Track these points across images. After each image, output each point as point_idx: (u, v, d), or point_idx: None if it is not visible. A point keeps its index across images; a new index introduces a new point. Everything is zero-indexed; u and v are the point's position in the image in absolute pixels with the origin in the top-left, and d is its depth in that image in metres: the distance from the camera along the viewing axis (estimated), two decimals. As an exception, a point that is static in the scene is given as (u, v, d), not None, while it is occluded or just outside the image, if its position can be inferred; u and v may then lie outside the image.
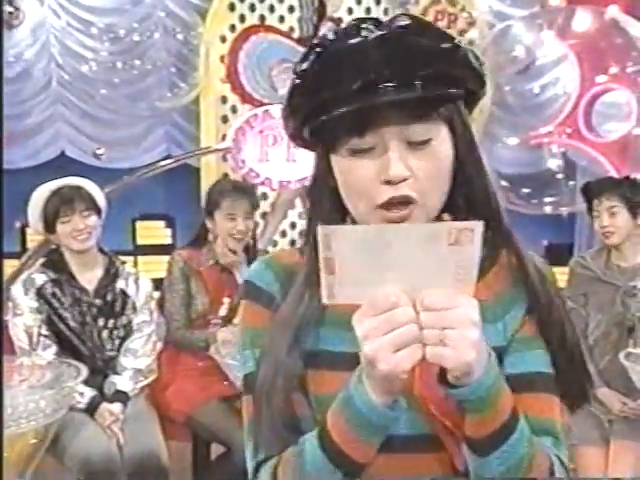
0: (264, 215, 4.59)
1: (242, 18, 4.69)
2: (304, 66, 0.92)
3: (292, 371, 0.93)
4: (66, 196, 2.54)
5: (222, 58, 4.59)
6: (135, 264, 4.47)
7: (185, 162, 4.35)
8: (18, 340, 2.44)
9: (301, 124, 0.95)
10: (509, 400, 0.85)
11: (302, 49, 4.65)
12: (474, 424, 0.84)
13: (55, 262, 2.56)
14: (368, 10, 4.76)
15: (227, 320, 2.75)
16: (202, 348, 2.58)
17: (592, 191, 2.77)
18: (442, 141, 0.92)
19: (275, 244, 4.62)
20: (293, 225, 4.69)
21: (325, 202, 0.98)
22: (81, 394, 2.40)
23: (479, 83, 0.94)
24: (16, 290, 2.50)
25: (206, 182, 4.62)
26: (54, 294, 2.49)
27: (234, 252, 2.75)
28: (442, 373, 0.82)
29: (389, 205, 0.91)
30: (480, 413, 0.83)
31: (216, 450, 2.75)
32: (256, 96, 4.57)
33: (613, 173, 3.85)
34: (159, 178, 4.30)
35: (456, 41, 0.91)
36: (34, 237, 4.14)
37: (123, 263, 2.72)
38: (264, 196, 4.59)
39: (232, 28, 4.67)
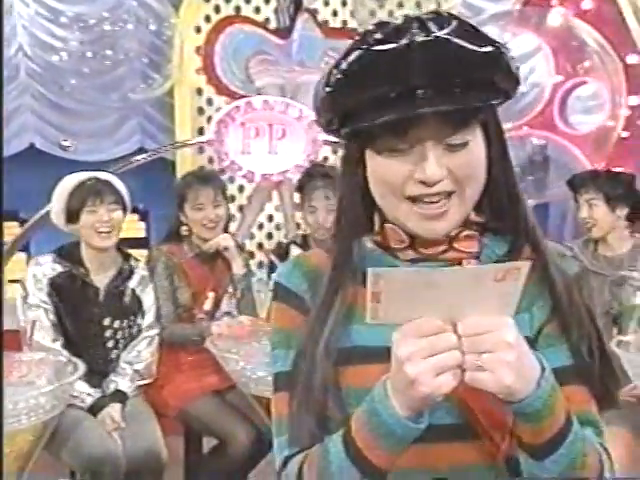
0: (241, 208, 4.57)
1: (217, 9, 4.64)
2: (347, 63, 0.91)
3: (328, 369, 0.95)
4: (95, 187, 2.48)
5: (197, 49, 4.55)
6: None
7: (159, 155, 4.30)
8: (25, 331, 2.39)
9: (338, 120, 0.95)
10: (564, 405, 0.86)
11: (278, 40, 4.63)
12: (532, 433, 0.86)
13: (70, 254, 2.49)
14: (344, 2, 4.75)
15: (212, 314, 2.74)
16: (196, 342, 2.55)
17: (574, 184, 2.83)
18: (478, 143, 0.93)
19: (252, 237, 4.61)
20: (270, 218, 4.67)
21: (354, 195, 0.99)
22: (88, 394, 2.37)
23: (515, 87, 0.95)
24: (29, 277, 2.43)
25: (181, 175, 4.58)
26: (65, 287, 2.43)
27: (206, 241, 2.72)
28: None
29: (420, 199, 0.92)
30: (538, 423, 0.84)
31: (208, 444, 2.73)
32: (232, 88, 4.55)
33: (587, 164, 3.93)
34: (133, 171, 4.24)
35: (498, 44, 0.91)
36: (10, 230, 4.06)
37: (137, 260, 2.66)
38: (240, 189, 4.57)
39: (207, 19, 4.62)
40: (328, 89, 0.93)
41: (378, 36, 0.90)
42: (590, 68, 4.02)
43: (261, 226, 4.68)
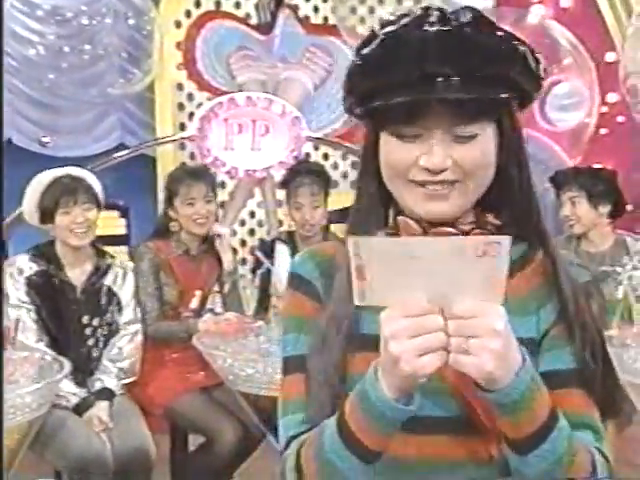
0: (222, 204, 4.55)
1: (197, 3, 4.61)
2: (367, 49, 0.94)
3: (340, 355, 0.96)
4: (68, 186, 2.44)
5: (178, 44, 4.52)
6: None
7: (140, 151, 4.26)
8: (7, 330, 2.36)
9: (355, 103, 0.98)
10: (546, 401, 0.87)
11: (260, 36, 4.62)
12: (511, 426, 0.86)
13: (46, 253, 2.47)
14: (325, -3, 4.75)
15: (198, 313, 2.72)
16: (183, 339, 2.54)
17: (556, 181, 2.86)
18: (488, 138, 0.94)
19: (234, 233, 4.59)
20: (252, 214, 4.67)
21: (370, 185, 1.00)
22: (73, 394, 2.35)
23: (535, 85, 0.96)
24: (5, 277, 2.40)
25: (163, 171, 4.54)
26: (42, 285, 2.41)
27: (200, 237, 2.72)
28: None
29: (423, 184, 0.94)
30: (516, 416, 0.85)
31: (194, 442, 2.72)
32: (214, 84, 4.52)
33: (567, 160, 3.97)
34: (113, 167, 4.20)
35: (516, 41, 0.93)
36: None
37: (113, 257, 2.64)
38: (222, 185, 4.55)
39: (187, 14, 4.59)
40: (349, 70, 0.97)
41: (398, 24, 0.93)
42: (569, 66, 4.06)
43: (243, 222, 4.66)
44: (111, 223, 4.88)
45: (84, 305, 2.48)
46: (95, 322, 2.49)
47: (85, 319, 2.47)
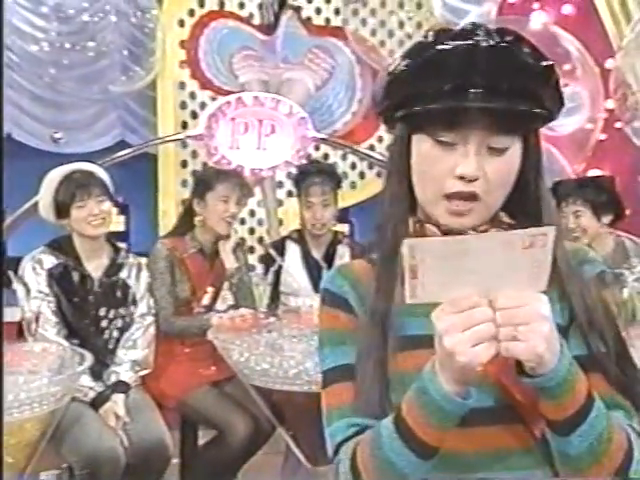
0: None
1: (201, 2, 4.63)
2: (415, 57, 0.99)
3: (384, 359, 1.00)
4: (80, 181, 2.48)
5: (182, 43, 4.54)
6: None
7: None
8: (25, 318, 2.38)
9: (393, 107, 1.02)
10: (584, 383, 0.92)
11: (262, 36, 4.65)
12: (554, 408, 0.91)
13: (64, 247, 2.50)
14: (327, 0, 4.79)
15: (209, 308, 2.76)
16: (198, 334, 2.57)
17: (558, 192, 2.88)
18: (515, 152, 1.00)
19: (235, 232, 4.60)
20: (252, 213, 4.69)
21: (400, 186, 1.04)
22: (90, 388, 2.36)
23: (558, 108, 1.02)
24: (27, 271, 2.43)
25: (164, 169, 4.56)
26: (62, 277, 2.44)
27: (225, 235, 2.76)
28: (520, 365, 0.89)
29: (454, 197, 0.99)
30: (559, 398, 0.90)
31: (203, 438, 2.75)
32: (216, 83, 4.55)
33: (566, 165, 4.03)
34: (114, 164, 4.20)
35: (551, 64, 0.99)
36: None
37: (127, 252, 2.67)
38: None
39: (191, 12, 4.61)
40: (391, 76, 1.01)
41: (444, 37, 0.98)
42: (569, 72, 4.12)
43: (243, 221, 4.68)
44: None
45: (101, 297, 2.51)
46: (111, 314, 2.52)
47: (102, 311, 2.50)
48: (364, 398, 1.00)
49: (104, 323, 2.51)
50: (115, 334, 2.54)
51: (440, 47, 0.97)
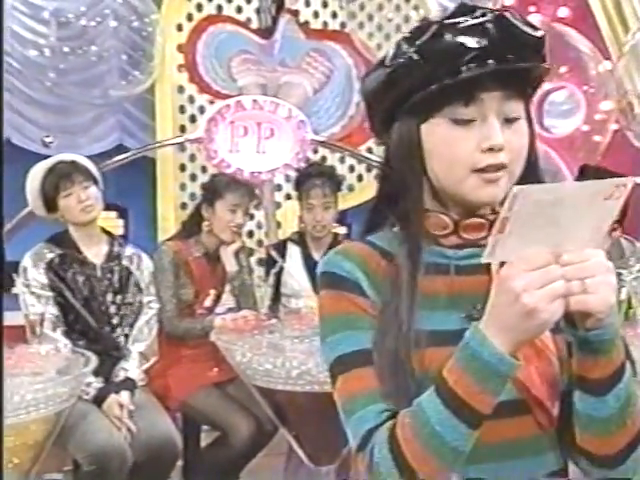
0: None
1: (199, 7, 4.66)
2: (423, 39, 0.99)
3: (408, 350, 0.99)
4: (63, 170, 2.53)
5: (180, 47, 4.56)
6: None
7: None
8: (29, 320, 2.40)
9: (404, 96, 1.02)
10: (622, 339, 0.96)
11: (260, 40, 4.67)
12: (604, 363, 0.93)
13: (60, 238, 2.53)
14: (325, 4, 4.82)
15: (211, 311, 2.79)
16: (199, 336, 2.60)
17: None
18: (524, 121, 1.03)
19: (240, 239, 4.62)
20: (251, 216, 4.69)
21: (416, 178, 1.04)
22: (88, 384, 2.37)
23: (545, 74, 1.05)
24: (27, 265, 2.45)
25: (162, 173, 4.58)
26: (63, 268, 2.46)
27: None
28: (570, 321, 0.91)
29: (486, 170, 1.00)
30: (610, 353, 0.92)
31: (205, 440, 2.77)
32: (215, 87, 4.57)
33: (563, 167, 4.06)
34: (112, 168, 4.22)
35: (541, 32, 1.02)
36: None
37: (124, 240, 2.71)
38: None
39: (189, 17, 4.63)
40: (394, 65, 1.01)
41: (443, 17, 1.00)
42: (566, 73, 4.15)
43: (242, 224, 4.70)
44: (109, 224, 4.89)
45: (106, 282, 2.54)
46: (118, 300, 2.55)
47: (109, 297, 2.54)
48: (393, 385, 0.98)
49: (113, 309, 2.54)
50: (124, 320, 2.56)
51: (446, 23, 0.98)
